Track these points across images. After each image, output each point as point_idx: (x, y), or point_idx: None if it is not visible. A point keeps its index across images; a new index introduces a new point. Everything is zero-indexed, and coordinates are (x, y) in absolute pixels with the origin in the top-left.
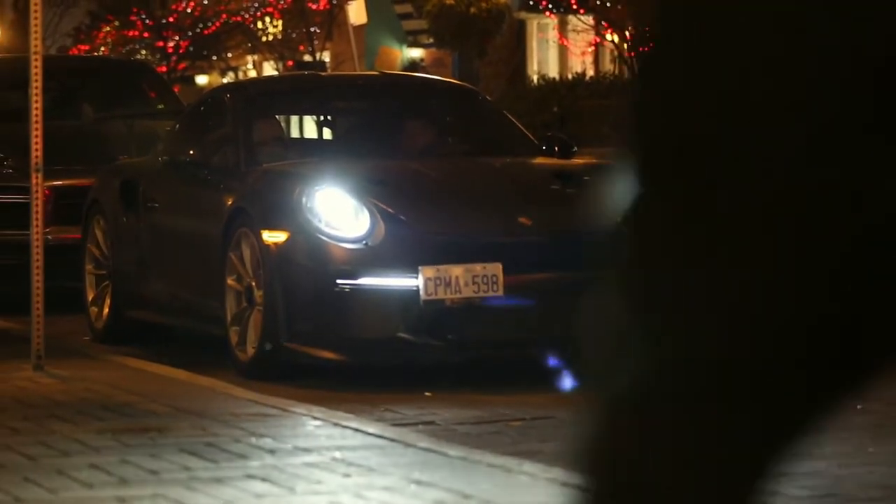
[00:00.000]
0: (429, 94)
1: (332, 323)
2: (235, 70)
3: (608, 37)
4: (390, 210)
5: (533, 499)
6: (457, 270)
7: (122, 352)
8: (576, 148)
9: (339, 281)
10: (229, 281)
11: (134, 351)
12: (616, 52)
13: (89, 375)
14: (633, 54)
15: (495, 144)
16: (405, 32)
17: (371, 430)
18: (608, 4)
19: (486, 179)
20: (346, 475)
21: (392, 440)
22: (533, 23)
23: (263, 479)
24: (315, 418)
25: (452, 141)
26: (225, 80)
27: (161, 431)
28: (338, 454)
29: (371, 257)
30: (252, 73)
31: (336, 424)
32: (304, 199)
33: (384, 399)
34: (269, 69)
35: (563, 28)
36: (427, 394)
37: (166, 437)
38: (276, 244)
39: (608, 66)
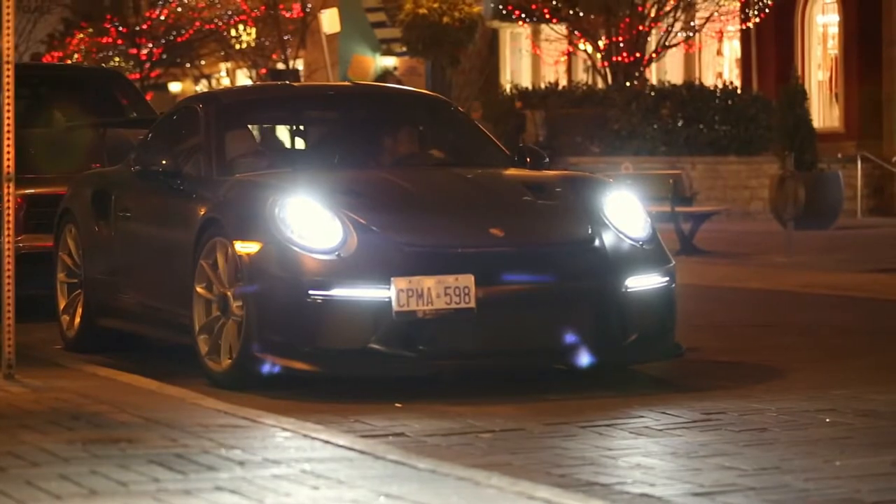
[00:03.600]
0: (401, 104)
1: (305, 334)
2: (209, 77)
3: (581, 46)
4: (362, 221)
5: None
6: (429, 282)
7: (93, 361)
8: (547, 159)
9: (311, 292)
10: (198, 289)
11: (105, 360)
12: (589, 62)
13: (60, 385)
14: (606, 64)
15: (467, 155)
16: (378, 41)
17: (340, 441)
18: (581, 14)
19: (458, 190)
20: (315, 487)
21: (361, 452)
22: (506, 32)
23: (233, 492)
24: (285, 429)
25: (424, 151)
26: (198, 88)
27: (131, 442)
28: (307, 466)
29: (343, 268)
30: (225, 81)
31: (306, 436)
32: (276, 210)
33: (354, 410)
34: (243, 77)
35: (535, 37)
36: (397, 405)
37: (136, 448)
38: (248, 254)
39: (581, 75)
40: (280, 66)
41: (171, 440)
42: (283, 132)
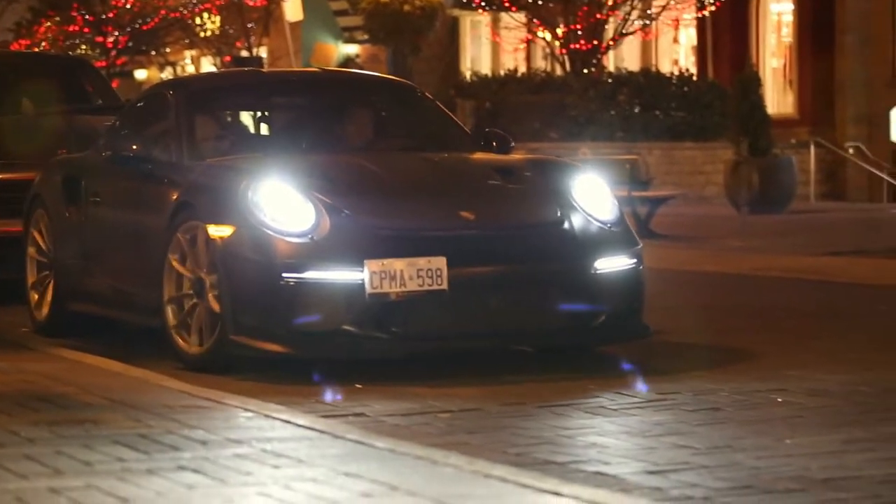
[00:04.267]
0: (367, 89)
1: (278, 316)
2: (174, 65)
3: (540, 34)
4: (334, 204)
5: (458, 490)
6: (401, 264)
7: (60, 344)
8: (513, 143)
9: (284, 274)
10: (172, 261)
11: (73, 343)
12: (548, 50)
13: (27, 367)
14: (564, 51)
15: (434, 139)
16: (341, 29)
17: (301, 421)
18: (540, 2)
19: (427, 174)
20: (276, 467)
21: (321, 432)
22: (466, 20)
23: (195, 471)
24: (247, 410)
25: (392, 136)
26: (163, 75)
27: (96, 423)
28: (268, 446)
29: (316, 251)
30: (190, 68)
31: (267, 416)
32: (248, 193)
33: (317, 391)
34: (207, 64)
35: (495, 25)
36: (358, 385)
37: (101, 429)
38: (221, 238)
39: (540, 62)
40: (244, 53)
41: (136, 421)
42: (251, 118)
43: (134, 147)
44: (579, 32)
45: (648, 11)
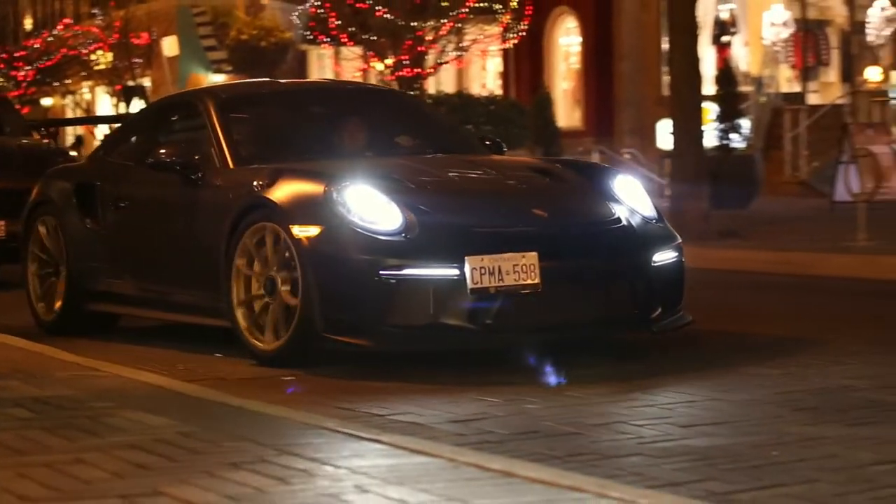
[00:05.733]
0: (380, 98)
1: (374, 312)
2: (73, 93)
3: (374, 64)
4: (415, 204)
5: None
6: (501, 259)
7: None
8: (505, 148)
9: (381, 272)
10: (239, 265)
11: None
12: (380, 76)
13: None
14: (393, 77)
15: (451, 142)
16: (210, 61)
17: (159, 382)
18: (372, 38)
19: (483, 175)
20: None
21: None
22: (313, 53)
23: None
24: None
25: (418, 140)
26: (65, 102)
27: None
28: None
29: (411, 248)
30: (87, 97)
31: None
32: (334, 195)
33: (182, 358)
34: (102, 93)
35: (337, 57)
36: (217, 355)
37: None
38: (308, 237)
39: None
40: (131, 83)
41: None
42: (281, 125)
43: (163, 153)
44: (405, 62)
45: (461, 44)
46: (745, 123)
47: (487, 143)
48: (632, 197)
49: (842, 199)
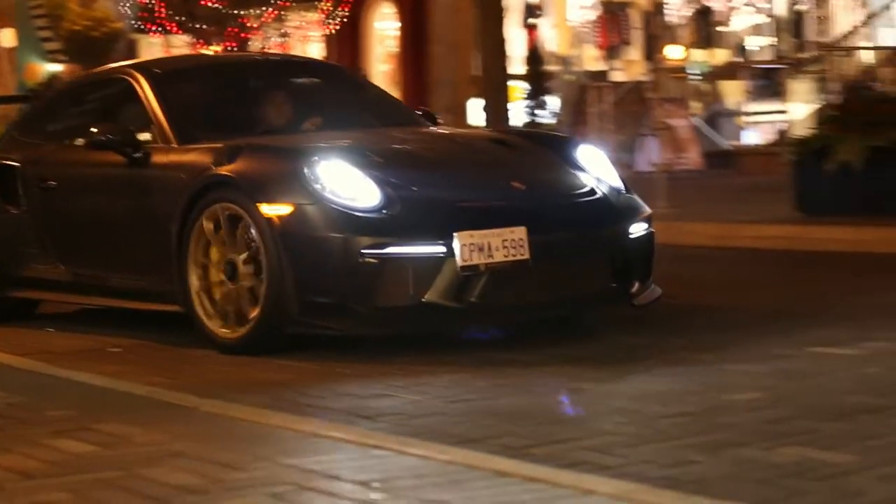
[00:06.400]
0: (320, 71)
1: (356, 293)
2: None
3: (201, 51)
4: (390, 179)
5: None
6: (490, 235)
7: None
8: (441, 119)
9: (364, 251)
10: (194, 252)
11: None
12: None
13: None
14: None
15: (396, 116)
16: (46, 51)
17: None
18: (200, 27)
19: (451, 148)
20: None
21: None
22: (143, 41)
23: None
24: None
25: (364, 114)
26: None
27: None
28: None
29: (394, 225)
30: None
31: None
32: (306, 171)
33: (16, 333)
34: None
35: (167, 45)
36: (49, 329)
37: None
38: (279, 216)
39: None
40: None
41: None
42: (221, 99)
43: (97, 131)
44: (231, 48)
45: (283, 31)
46: (553, 100)
47: (420, 113)
48: (598, 167)
49: (642, 170)
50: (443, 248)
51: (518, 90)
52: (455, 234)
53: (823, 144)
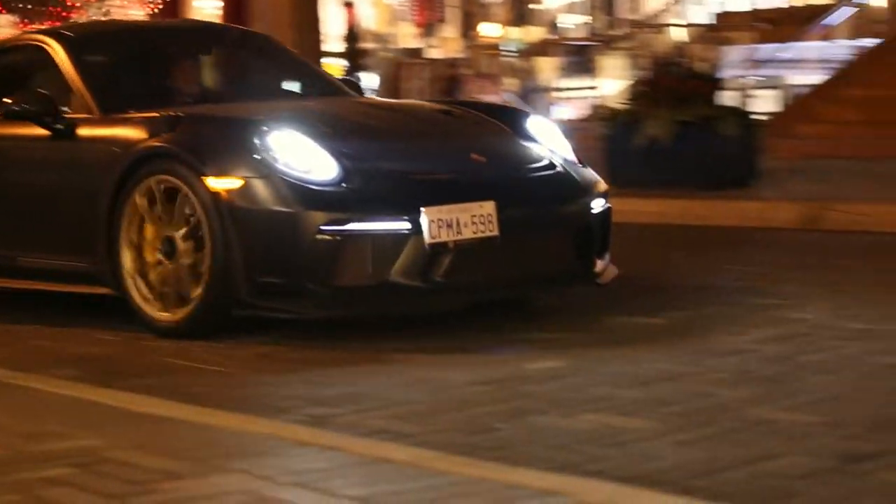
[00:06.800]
0: (238, 39)
1: (312, 272)
2: None
3: (25, 31)
4: (347, 150)
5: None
6: (458, 211)
7: None
8: (364, 91)
9: (322, 227)
10: (126, 232)
11: None
12: None
13: None
14: None
15: (319, 87)
16: None
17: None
18: (24, 6)
19: (402, 120)
20: None
21: None
22: None
23: None
24: None
25: (298, 83)
26: None
27: None
28: None
29: (354, 200)
30: None
31: None
32: (256, 142)
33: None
34: None
35: None
36: None
37: None
38: (227, 190)
39: None
40: None
41: None
42: (144, 67)
43: (11, 102)
44: (56, 28)
45: (105, 10)
46: (371, 77)
47: (344, 83)
48: (551, 140)
49: None
50: (408, 225)
51: (336, 67)
52: (422, 210)
53: (633, 119)
